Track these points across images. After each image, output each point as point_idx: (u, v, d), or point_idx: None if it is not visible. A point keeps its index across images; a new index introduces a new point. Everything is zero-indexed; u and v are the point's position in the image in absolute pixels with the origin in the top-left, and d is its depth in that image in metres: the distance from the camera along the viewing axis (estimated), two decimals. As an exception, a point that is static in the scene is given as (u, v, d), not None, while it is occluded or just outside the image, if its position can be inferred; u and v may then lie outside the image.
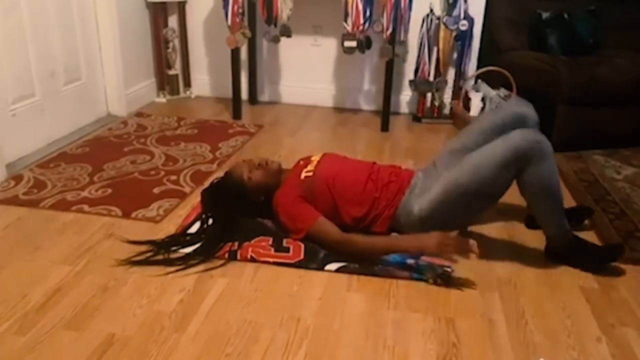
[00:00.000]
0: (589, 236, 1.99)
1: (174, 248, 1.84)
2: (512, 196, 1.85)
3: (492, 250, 1.90)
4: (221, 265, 1.77)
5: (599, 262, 1.81)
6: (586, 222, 2.09)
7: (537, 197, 1.76)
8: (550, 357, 1.42)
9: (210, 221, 1.96)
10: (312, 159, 2.01)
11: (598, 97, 2.77)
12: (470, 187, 1.74)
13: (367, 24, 3.00)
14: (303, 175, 1.91)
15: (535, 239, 1.99)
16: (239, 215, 1.97)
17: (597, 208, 2.18)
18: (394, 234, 1.88)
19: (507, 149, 1.70)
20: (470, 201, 1.78)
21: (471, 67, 3.36)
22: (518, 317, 1.58)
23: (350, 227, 1.88)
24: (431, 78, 3.34)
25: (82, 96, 3.05)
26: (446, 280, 1.71)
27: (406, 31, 3.23)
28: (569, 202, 2.26)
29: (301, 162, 2.04)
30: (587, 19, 3.13)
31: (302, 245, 1.84)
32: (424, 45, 3.26)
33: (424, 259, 1.76)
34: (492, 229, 2.08)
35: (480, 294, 1.68)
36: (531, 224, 2.06)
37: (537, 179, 1.71)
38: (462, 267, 1.74)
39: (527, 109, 1.95)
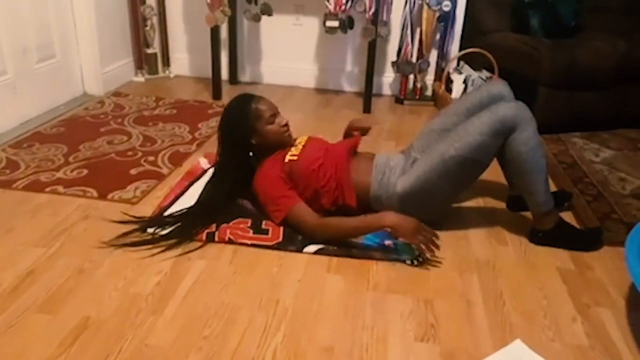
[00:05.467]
0: (566, 218, 2.01)
1: (151, 230, 1.82)
2: (493, 176, 1.85)
3: (472, 231, 1.92)
4: (199, 248, 1.75)
5: (583, 245, 1.85)
6: (565, 204, 2.11)
7: (524, 168, 1.77)
8: (527, 337, 1.43)
9: (190, 203, 1.94)
10: (298, 141, 1.98)
11: (578, 80, 2.77)
12: (456, 160, 1.75)
13: (349, 4, 2.96)
14: (287, 158, 1.88)
15: (514, 221, 2.01)
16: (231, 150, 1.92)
17: (575, 190, 2.20)
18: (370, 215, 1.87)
19: (494, 118, 1.74)
20: (455, 175, 1.79)
21: (454, 49, 3.34)
22: (496, 298, 1.59)
23: (332, 212, 1.86)
24: (414, 59, 3.31)
25: (56, 74, 2.97)
26: (423, 261, 1.72)
27: (389, 11, 3.19)
28: (547, 184, 2.28)
29: None
30: (569, 1, 3.11)
31: (281, 228, 1.82)
32: (407, 26, 3.23)
33: (401, 240, 1.76)
34: (472, 210, 2.09)
35: (459, 275, 1.69)
36: (512, 205, 2.07)
37: (523, 145, 1.74)
38: (441, 248, 1.74)
39: (503, 88, 1.96)
